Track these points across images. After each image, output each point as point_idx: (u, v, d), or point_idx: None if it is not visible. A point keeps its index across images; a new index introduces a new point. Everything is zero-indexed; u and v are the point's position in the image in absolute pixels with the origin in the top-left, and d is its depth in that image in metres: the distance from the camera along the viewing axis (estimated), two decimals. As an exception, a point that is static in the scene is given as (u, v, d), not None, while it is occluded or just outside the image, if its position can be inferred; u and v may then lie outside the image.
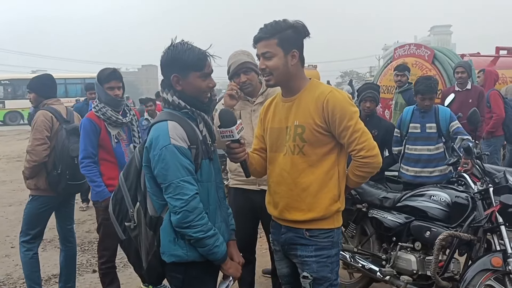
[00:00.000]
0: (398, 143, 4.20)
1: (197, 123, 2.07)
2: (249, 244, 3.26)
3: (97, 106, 3.35)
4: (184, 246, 1.98)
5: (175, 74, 2.02)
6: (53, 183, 3.53)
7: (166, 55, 2.03)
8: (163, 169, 1.91)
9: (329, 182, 2.16)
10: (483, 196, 3.06)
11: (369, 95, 4.11)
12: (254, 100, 3.07)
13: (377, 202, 3.52)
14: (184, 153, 1.94)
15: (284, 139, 2.21)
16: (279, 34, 2.10)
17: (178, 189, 1.90)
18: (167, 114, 2.04)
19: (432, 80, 4.08)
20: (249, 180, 2.99)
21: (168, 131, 1.93)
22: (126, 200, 2.11)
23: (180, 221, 1.91)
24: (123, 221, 2.12)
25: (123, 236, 2.14)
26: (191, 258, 1.99)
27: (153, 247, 2.03)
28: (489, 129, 6.11)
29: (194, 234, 1.93)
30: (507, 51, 9.90)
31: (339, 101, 2.10)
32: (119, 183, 2.15)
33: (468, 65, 5.93)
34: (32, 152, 3.44)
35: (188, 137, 1.97)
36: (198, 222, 1.92)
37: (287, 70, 2.14)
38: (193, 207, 1.91)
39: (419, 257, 3.20)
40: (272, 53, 2.11)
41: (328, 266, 2.20)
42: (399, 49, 8.10)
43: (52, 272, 4.53)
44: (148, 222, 2.03)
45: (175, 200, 1.90)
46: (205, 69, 2.05)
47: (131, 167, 2.13)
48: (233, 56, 3.03)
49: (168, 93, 2.06)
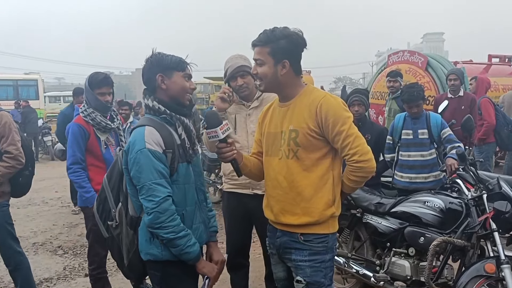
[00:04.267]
0: (390, 150, 4.21)
1: (175, 127, 2.15)
2: (242, 248, 3.25)
3: (86, 111, 3.27)
4: (159, 246, 2.07)
5: (160, 73, 2.12)
6: (24, 183, 3.46)
7: (149, 61, 2.15)
8: (137, 172, 2.01)
9: (323, 187, 2.17)
10: (476, 202, 3.07)
11: (356, 99, 4.11)
12: (250, 104, 3.07)
13: (371, 208, 3.53)
14: (158, 157, 2.02)
15: (279, 143, 2.22)
16: (272, 43, 2.14)
17: (150, 191, 1.99)
18: (146, 120, 2.14)
19: (416, 87, 4.10)
20: (242, 184, 3.00)
21: (144, 136, 2.03)
22: (109, 200, 2.25)
23: (151, 222, 2.00)
24: (106, 220, 2.27)
25: (106, 234, 2.29)
26: (165, 257, 2.08)
27: (134, 246, 2.17)
28: (480, 136, 6.17)
29: (165, 235, 2.01)
30: (499, 59, 10.00)
31: (333, 106, 2.12)
32: (103, 184, 2.29)
33: (460, 72, 5.99)
34: (20, 155, 3.29)
35: (164, 142, 2.06)
36: (169, 224, 2.00)
37: (276, 79, 2.17)
38: (164, 209, 1.99)
39: (413, 263, 3.21)
40: (262, 61, 2.16)
41: (322, 271, 2.20)
42: (393, 56, 8.17)
43: (44, 276, 4.49)
44: (129, 222, 2.16)
45: (147, 201, 2.00)
46: (186, 70, 2.18)
47: (114, 169, 2.27)
48: (230, 59, 3.03)
49: (149, 99, 2.15)
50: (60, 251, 5.25)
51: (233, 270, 3.24)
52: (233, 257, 3.16)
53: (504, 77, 9.26)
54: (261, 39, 2.16)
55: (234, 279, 3.28)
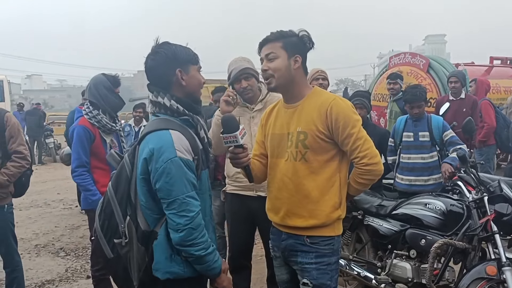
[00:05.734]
0: (392, 152, 4.22)
1: (196, 130, 1.98)
2: (245, 250, 3.26)
3: (91, 112, 3.26)
4: (180, 263, 1.88)
5: (179, 68, 1.91)
6: (25, 183, 3.48)
7: (162, 54, 1.91)
8: (168, 184, 1.78)
9: (330, 189, 2.17)
10: (478, 204, 3.07)
11: (357, 102, 4.10)
12: (253, 107, 3.08)
13: (372, 210, 3.54)
14: (190, 167, 1.83)
15: (285, 145, 2.22)
16: (284, 38, 2.17)
17: (184, 206, 1.79)
18: (165, 122, 1.89)
19: (419, 88, 4.13)
20: (246, 186, 3.01)
21: (173, 143, 1.80)
22: (116, 215, 1.91)
23: (183, 239, 1.80)
24: (112, 238, 1.92)
25: (111, 254, 1.93)
26: (187, 274, 1.90)
27: (144, 263, 1.88)
28: (480, 139, 6.17)
29: (196, 252, 1.83)
30: (500, 61, 10.00)
31: (343, 109, 2.13)
32: (108, 196, 1.95)
33: (461, 75, 5.99)
34: (28, 155, 3.33)
35: (192, 148, 1.87)
36: (201, 240, 1.83)
37: (289, 73, 2.17)
38: (197, 224, 1.82)
39: (414, 265, 3.21)
40: (275, 54, 2.16)
41: (328, 273, 2.21)
42: (394, 58, 8.17)
43: (46, 277, 4.50)
44: (140, 237, 1.87)
45: (179, 217, 1.79)
46: (199, 63, 2.01)
47: (121, 178, 1.93)
48: (234, 62, 3.05)
49: (165, 97, 1.91)
50: (62, 253, 5.27)
51: (235, 271, 3.25)
52: (235, 258, 3.17)
53: (505, 79, 9.25)
54: (273, 35, 2.18)
55: (236, 281, 3.28)
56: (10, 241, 3.41)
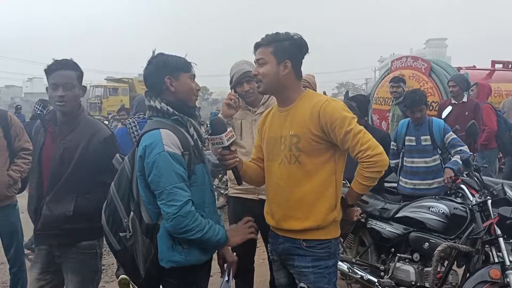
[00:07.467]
0: (395, 155, 4.23)
1: (187, 128, 2.12)
2: (247, 253, 3.25)
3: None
4: (182, 252, 2.02)
5: (168, 76, 2.08)
6: (26, 180, 3.49)
7: (154, 63, 2.11)
8: (156, 176, 1.93)
9: (325, 192, 2.17)
10: (481, 208, 3.07)
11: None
12: (256, 110, 3.09)
13: (375, 213, 3.54)
14: (178, 160, 1.97)
15: (279, 148, 2.23)
16: (276, 43, 2.17)
17: (171, 196, 1.92)
18: (158, 123, 2.07)
19: (418, 93, 4.15)
20: (248, 189, 3.01)
21: (162, 139, 1.96)
22: (119, 211, 2.09)
23: (175, 228, 1.94)
24: (118, 232, 2.09)
25: (118, 246, 2.11)
26: (189, 262, 2.04)
27: (151, 255, 2.04)
28: (482, 142, 6.16)
29: (193, 236, 1.97)
30: (502, 64, 10.01)
31: (335, 109, 2.13)
32: (111, 194, 2.13)
33: (460, 79, 6.01)
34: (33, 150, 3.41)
35: (181, 144, 2.00)
36: (193, 225, 1.95)
37: (277, 79, 2.18)
38: (186, 212, 1.93)
39: (417, 268, 3.21)
40: (265, 60, 2.18)
41: (326, 277, 2.20)
42: (396, 61, 8.18)
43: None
44: (144, 230, 2.03)
45: (168, 206, 1.92)
46: (192, 71, 2.17)
47: (122, 177, 2.12)
48: (236, 65, 3.06)
49: (156, 101, 2.09)
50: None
51: (238, 275, 3.24)
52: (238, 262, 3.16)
53: (507, 83, 9.24)
54: (265, 39, 2.19)
55: (239, 284, 3.29)
56: (20, 239, 3.48)
